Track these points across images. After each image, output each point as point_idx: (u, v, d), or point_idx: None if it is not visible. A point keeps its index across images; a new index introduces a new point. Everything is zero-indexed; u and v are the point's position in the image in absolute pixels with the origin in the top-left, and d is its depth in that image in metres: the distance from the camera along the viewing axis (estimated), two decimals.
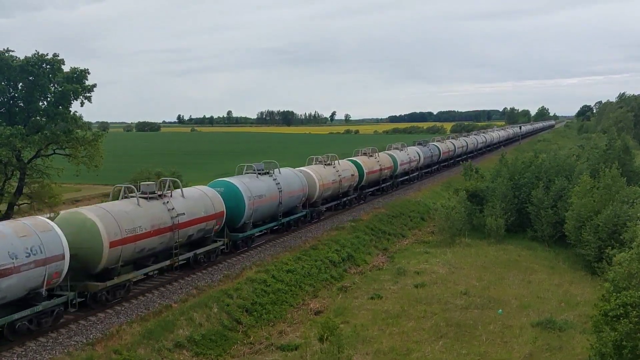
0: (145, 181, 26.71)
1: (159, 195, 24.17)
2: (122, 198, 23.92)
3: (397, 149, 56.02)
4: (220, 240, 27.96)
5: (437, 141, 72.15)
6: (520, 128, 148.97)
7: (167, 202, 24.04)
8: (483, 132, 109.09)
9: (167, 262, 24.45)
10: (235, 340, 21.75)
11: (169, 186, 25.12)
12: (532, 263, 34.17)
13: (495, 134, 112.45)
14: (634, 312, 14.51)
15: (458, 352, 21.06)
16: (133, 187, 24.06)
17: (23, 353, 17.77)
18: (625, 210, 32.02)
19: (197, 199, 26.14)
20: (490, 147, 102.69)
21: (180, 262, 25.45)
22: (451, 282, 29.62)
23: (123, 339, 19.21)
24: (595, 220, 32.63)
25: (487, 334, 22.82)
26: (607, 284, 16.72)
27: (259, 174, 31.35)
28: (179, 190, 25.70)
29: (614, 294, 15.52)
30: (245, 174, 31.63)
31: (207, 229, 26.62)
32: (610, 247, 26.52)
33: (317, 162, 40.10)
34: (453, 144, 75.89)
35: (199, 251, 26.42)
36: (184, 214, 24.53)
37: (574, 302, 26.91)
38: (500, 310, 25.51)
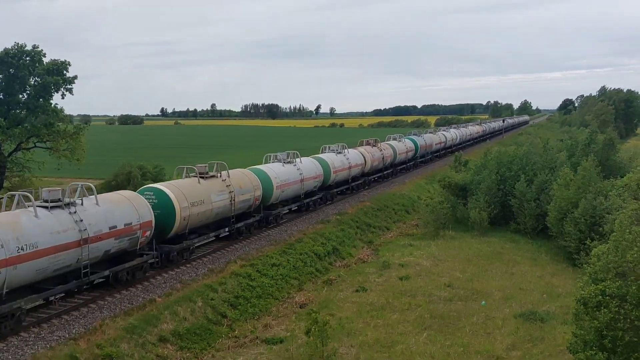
0: (123, 176, 24.49)
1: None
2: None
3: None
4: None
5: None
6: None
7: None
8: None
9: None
10: (220, 334, 21.71)
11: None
12: (515, 255, 34.54)
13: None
14: (613, 302, 14.72)
15: (442, 343, 21.28)
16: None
17: (5, 348, 17.59)
18: (601, 202, 32.35)
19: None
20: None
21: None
22: (435, 275, 29.87)
23: (106, 333, 19.07)
24: (576, 212, 33.01)
25: (470, 325, 23.07)
26: (585, 277, 16.93)
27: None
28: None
29: (592, 285, 15.72)
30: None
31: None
32: (589, 239, 26.85)
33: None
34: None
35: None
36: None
37: (555, 293, 27.28)
38: (484, 302, 25.80)
